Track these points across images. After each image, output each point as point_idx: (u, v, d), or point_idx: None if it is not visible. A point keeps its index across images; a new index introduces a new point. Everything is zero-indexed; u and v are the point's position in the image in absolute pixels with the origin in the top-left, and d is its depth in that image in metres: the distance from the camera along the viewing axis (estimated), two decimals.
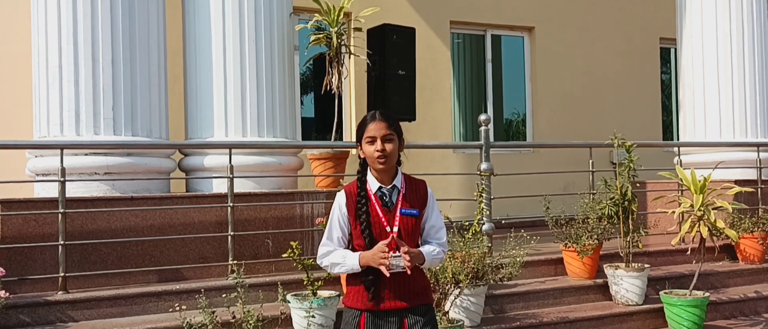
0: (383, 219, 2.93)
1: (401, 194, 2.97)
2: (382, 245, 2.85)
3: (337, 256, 2.97)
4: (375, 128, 2.91)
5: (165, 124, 5.75)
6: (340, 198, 3.00)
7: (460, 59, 10.50)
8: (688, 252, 6.10)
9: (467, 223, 5.71)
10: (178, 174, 5.99)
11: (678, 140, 10.44)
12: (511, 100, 10.87)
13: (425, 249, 2.98)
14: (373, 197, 2.95)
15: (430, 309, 3.03)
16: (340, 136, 8.93)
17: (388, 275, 2.81)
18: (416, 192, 3.00)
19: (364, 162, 2.99)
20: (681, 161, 7.55)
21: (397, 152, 2.97)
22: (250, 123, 5.85)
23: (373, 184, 2.97)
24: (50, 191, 5.28)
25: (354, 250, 2.97)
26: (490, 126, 6.46)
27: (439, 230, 3.06)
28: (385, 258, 2.82)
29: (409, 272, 2.83)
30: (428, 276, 4.78)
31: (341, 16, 6.45)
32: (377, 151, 2.89)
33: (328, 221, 3.04)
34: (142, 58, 5.50)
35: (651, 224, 7.42)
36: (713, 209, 5.63)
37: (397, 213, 2.94)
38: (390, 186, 2.97)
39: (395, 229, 2.91)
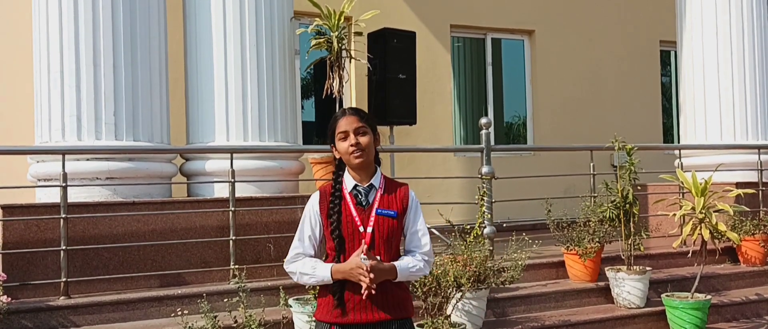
0: (356, 218, 2.74)
1: (378, 194, 2.78)
2: (357, 259, 2.65)
3: (307, 266, 2.77)
4: (346, 123, 2.75)
5: (166, 128, 5.76)
6: (314, 197, 2.84)
7: (460, 63, 10.51)
8: (690, 255, 6.10)
9: (469, 226, 5.73)
10: (180, 179, 5.99)
11: (678, 142, 10.44)
12: (512, 103, 10.88)
13: (402, 264, 2.76)
14: (347, 195, 2.78)
15: (407, 323, 2.81)
16: None
17: (373, 293, 2.64)
18: (396, 193, 2.82)
19: (340, 163, 2.82)
20: (682, 163, 7.56)
21: (374, 148, 2.80)
22: (251, 127, 5.86)
23: (348, 182, 2.80)
24: (52, 196, 5.28)
25: (327, 255, 2.81)
26: (491, 129, 6.47)
27: (421, 236, 2.83)
28: (365, 274, 2.62)
29: (368, 293, 2.64)
30: (425, 281, 4.80)
31: (341, 20, 6.46)
32: (351, 145, 2.72)
33: (300, 221, 2.85)
34: (144, 63, 5.51)
35: (652, 227, 7.42)
36: (714, 211, 5.63)
37: (373, 213, 2.75)
38: (367, 185, 2.79)
39: (369, 230, 2.73)
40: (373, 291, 2.66)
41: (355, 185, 2.79)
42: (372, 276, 2.63)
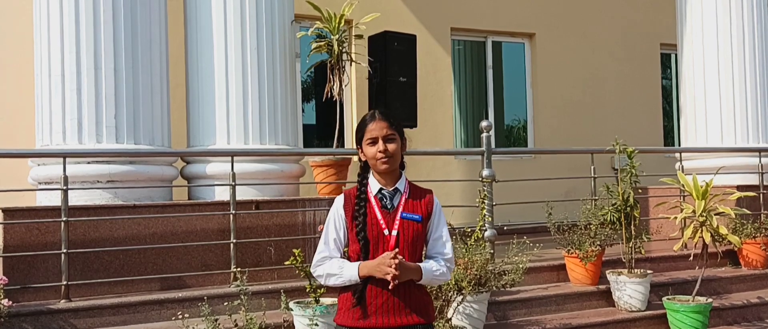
0: (382, 222, 2.73)
1: (403, 198, 2.78)
2: (388, 254, 2.65)
3: (334, 266, 2.75)
4: (376, 128, 2.74)
5: (167, 132, 5.76)
6: (339, 200, 2.83)
7: (461, 66, 10.51)
8: (691, 258, 6.09)
9: (469, 229, 5.72)
10: (181, 182, 5.99)
11: (679, 145, 10.43)
12: (512, 106, 10.88)
13: (427, 266, 2.75)
14: (372, 199, 2.77)
15: None
16: (341, 143, 8.92)
17: (392, 285, 2.62)
18: (420, 198, 2.82)
19: (365, 165, 2.82)
20: (682, 166, 7.55)
21: (401, 153, 2.79)
22: (251, 130, 5.86)
23: (373, 186, 2.80)
24: (53, 199, 5.28)
25: (350, 258, 2.79)
26: (492, 132, 6.46)
27: (445, 243, 2.82)
28: (392, 267, 2.60)
29: (391, 286, 2.63)
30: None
31: (342, 23, 6.47)
32: (380, 152, 2.72)
33: (325, 225, 2.85)
34: (145, 66, 5.51)
35: (653, 230, 7.41)
36: (715, 214, 5.63)
37: (398, 217, 2.75)
38: (392, 189, 2.79)
39: (394, 233, 2.72)
40: (392, 285, 2.64)
41: (380, 189, 2.79)
42: (397, 267, 2.61)
